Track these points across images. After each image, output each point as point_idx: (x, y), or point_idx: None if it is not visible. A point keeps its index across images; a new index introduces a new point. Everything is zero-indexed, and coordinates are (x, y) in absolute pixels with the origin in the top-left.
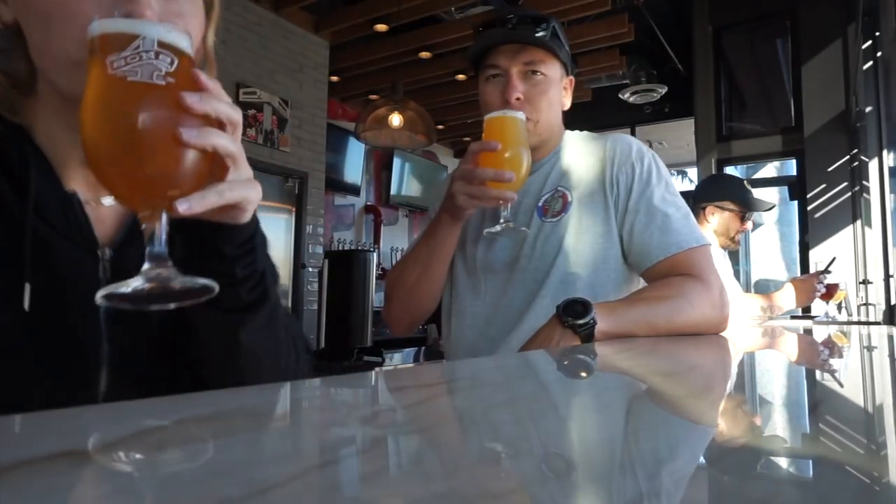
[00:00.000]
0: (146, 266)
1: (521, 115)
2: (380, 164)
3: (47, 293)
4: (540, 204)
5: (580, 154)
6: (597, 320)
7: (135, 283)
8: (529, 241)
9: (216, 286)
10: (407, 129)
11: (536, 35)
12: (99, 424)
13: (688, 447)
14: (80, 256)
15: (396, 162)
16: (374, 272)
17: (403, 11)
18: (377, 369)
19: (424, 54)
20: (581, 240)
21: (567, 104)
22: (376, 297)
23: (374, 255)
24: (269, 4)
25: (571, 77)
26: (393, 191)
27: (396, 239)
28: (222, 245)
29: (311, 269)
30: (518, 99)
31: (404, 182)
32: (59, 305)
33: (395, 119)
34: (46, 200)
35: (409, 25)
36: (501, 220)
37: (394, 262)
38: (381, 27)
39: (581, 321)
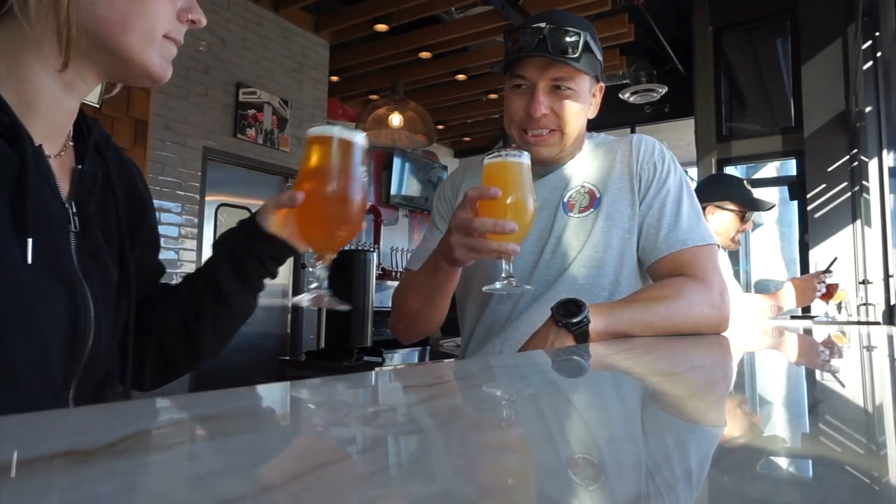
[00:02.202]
0: (313, 286)
1: (524, 158)
2: (379, 164)
3: (40, 243)
4: (564, 200)
5: (605, 153)
6: (590, 319)
7: (306, 298)
8: (554, 237)
9: (349, 307)
10: (407, 128)
11: (567, 53)
12: (99, 424)
13: (688, 447)
14: (56, 208)
15: (396, 162)
16: (374, 272)
17: (403, 11)
18: (377, 369)
19: (424, 54)
20: (609, 235)
21: (593, 112)
22: (376, 297)
23: (374, 255)
24: (269, 4)
25: (601, 84)
26: (393, 191)
27: (396, 239)
28: (287, 256)
29: (311, 269)
30: (544, 115)
31: (404, 182)
32: (49, 255)
33: (396, 119)
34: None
35: (409, 25)
36: (502, 275)
37: (394, 262)
38: (381, 27)
39: (574, 320)
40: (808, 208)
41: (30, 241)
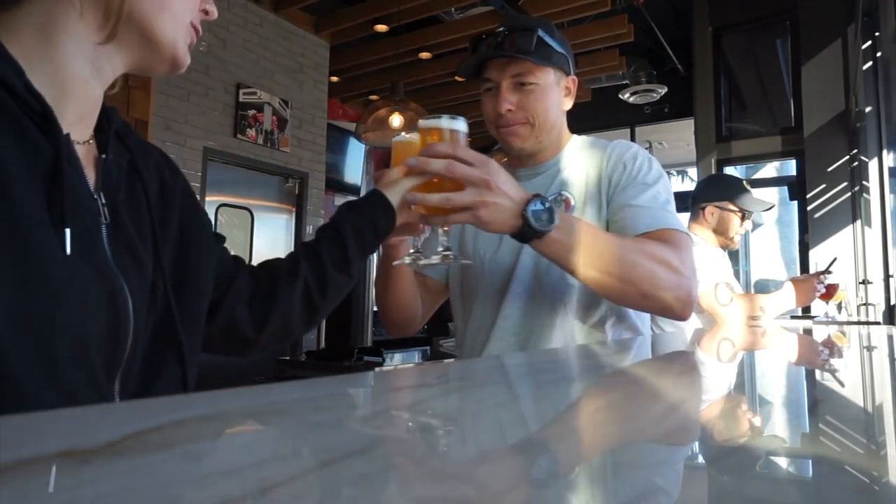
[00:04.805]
0: (440, 249)
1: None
2: (380, 164)
3: (75, 235)
4: None
5: (582, 159)
6: (551, 233)
7: (434, 259)
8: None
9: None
10: (407, 129)
11: (523, 50)
12: (99, 424)
13: (687, 446)
14: (86, 199)
15: None
16: (373, 272)
17: (403, 12)
18: (377, 369)
19: (424, 55)
20: None
21: (567, 105)
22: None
23: (374, 255)
24: (269, 4)
25: (573, 77)
26: None
27: None
28: (392, 229)
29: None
30: (509, 110)
31: None
32: (85, 248)
33: (396, 119)
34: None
35: (410, 26)
36: (439, 248)
37: None
38: (381, 27)
39: (538, 227)
40: (808, 208)
41: (68, 231)
